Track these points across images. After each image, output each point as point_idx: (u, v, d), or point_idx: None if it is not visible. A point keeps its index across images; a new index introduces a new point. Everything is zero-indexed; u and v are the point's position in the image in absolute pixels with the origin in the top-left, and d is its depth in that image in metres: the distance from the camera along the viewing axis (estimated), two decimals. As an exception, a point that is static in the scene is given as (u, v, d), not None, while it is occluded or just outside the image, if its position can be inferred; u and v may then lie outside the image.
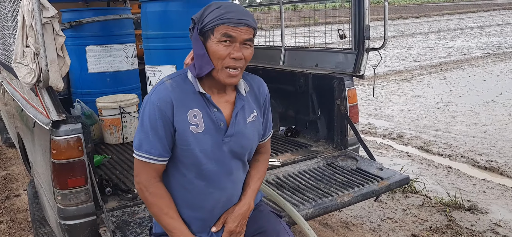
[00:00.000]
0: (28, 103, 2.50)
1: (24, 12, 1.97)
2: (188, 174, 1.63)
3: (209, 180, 1.63)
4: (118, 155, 3.39)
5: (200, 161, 1.59)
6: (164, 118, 1.54)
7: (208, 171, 1.62)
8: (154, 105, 1.54)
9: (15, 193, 4.23)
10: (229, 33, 1.50)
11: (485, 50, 13.60)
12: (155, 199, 1.62)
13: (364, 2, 3.07)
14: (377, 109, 7.13)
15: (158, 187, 1.62)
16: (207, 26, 1.52)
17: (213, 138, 1.60)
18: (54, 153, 2.10)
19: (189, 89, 1.59)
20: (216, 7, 1.52)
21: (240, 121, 1.65)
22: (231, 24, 1.49)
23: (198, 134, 1.57)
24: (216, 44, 1.51)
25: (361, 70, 3.16)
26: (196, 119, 1.57)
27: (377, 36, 7.11)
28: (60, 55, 2.09)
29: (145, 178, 1.61)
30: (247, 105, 1.69)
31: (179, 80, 1.60)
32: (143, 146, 1.57)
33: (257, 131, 1.73)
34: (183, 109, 1.56)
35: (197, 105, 1.58)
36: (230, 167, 1.66)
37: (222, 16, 1.49)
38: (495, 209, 3.62)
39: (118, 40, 4.09)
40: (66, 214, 2.17)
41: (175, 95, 1.55)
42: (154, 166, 1.59)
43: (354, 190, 2.58)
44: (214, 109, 1.60)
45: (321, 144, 3.38)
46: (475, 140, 5.39)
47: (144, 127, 1.56)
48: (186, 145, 1.57)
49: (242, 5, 7.29)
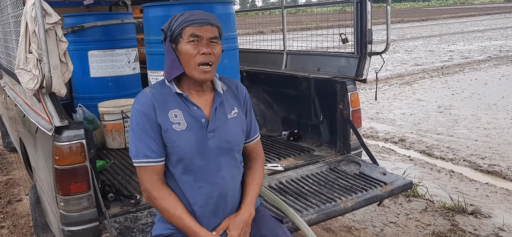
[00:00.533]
0: (30, 108, 2.50)
1: (27, 18, 1.97)
2: (176, 171, 1.72)
3: (196, 175, 1.71)
4: (120, 160, 3.39)
5: (185, 157, 1.69)
6: (150, 121, 1.66)
7: (194, 166, 1.70)
8: (138, 112, 1.67)
9: (17, 198, 4.23)
10: (195, 33, 1.65)
11: (487, 54, 13.59)
12: (161, 202, 1.68)
13: (366, 6, 3.07)
14: (379, 113, 7.12)
15: (161, 189, 1.69)
16: (175, 32, 1.67)
17: (197, 135, 1.69)
18: (56, 159, 2.10)
19: (167, 92, 1.72)
20: (180, 14, 1.70)
21: (220, 117, 1.75)
22: (195, 24, 1.66)
23: (181, 132, 1.68)
24: (185, 45, 1.66)
25: (364, 74, 3.16)
26: (177, 118, 1.69)
27: (378, 40, 7.11)
28: (63, 61, 2.08)
29: (149, 183, 1.69)
30: (226, 102, 1.79)
31: (157, 86, 1.75)
32: (140, 152, 1.67)
33: (241, 127, 1.81)
34: (164, 110, 1.68)
35: (176, 105, 1.71)
36: (218, 162, 1.73)
37: (187, 19, 1.67)
38: (498, 213, 3.60)
39: (120, 45, 4.09)
40: (69, 220, 2.16)
41: (155, 99, 1.69)
42: (154, 168, 1.68)
43: (357, 195, 2.57)
44: (193, 107, 1.71)
45: (324, 148, 3.37)
46: (477, 143, 5.37)
47: (136, 134, 1.67)
48: (172, 142, 1.67)
49: (243, 9, 7.30)
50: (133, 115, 1.69)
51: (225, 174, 1.75)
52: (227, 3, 3.25)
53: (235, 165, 1.80)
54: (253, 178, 1.86)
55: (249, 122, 1.87)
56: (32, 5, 1.91)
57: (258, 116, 3.96)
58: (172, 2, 3.65)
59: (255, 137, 1.91)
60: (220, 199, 1.75)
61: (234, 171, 1.79)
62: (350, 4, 3.31)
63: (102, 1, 4.88)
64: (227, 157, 1.75)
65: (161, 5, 3.19)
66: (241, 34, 5.48)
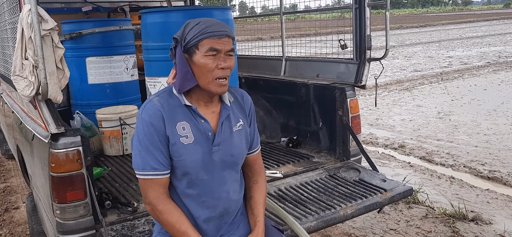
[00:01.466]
0: (27, 115, 2.48)
1: (23, 24, 1.95)
2: (180, 185, 1.67)
3: (201, 189, 1.67)
4: (118, 167, 3.36)
5: (191, 171, 1.64)
6: (158, 132, 1.59)
7: (199, 180, 1.66)
8: (146, 122, 1.59)
9: (14, 206, 4.20)
10: (214, 46, 1.57)
11: (486, 60, 13.61)
12: (166, 216, 1.62)
13: (365, 12, 3.06)
14: (379, 119, 7.10)
15: (166, 203, 1.63)
16: (190, 42, 1.58)
17: (203, 148, 1.64)
18: (53, 166, 2.08)
19: (176, 103, 1.65)
20: (195, 23, 1.60)
21: (226, 130, 1.70)
22: (214, 37, 1.57)
23: (188, 145, 1.62)
24: (203, 58, 1.57)
25: (363, 80, 3.15)
26: (185, 131, 1.63)
27: (377, 46, 7.11)
28: (59, 68, 2.07)
29: (154, 196, 1.63)
30: (233, 115, 1.74)
31: (165, 95, 1.67)
32: (148, 164, 1.60)
33: (245, 139, 1.77)
34: (172, 122, 1.62)
35: (184, 117, 1.64)
36: (222, 176, 1.70)
37: (205, 31, 1.56)
38: (499, 219, 3.58)
39: (118, 51, 4.08)
40: (65, 228, 2.14)
41: (164, 110, 1.62)
42: (160, 181, 1.63)
43: (357, 202, 2.55)
44: (201, 120, 1.65)
45: (323, 155, 3.35)
46: (477, 149, 5.35)
47: (143, 146, 1.60)
48: (178, 156, 1.62)
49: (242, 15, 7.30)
50: (140, 125, 1.60)
51: (229, 188, 1.72)
52: (225, 9, 3.25)
53: (238, 178, 1.77)
54: (261, 194, 1.82)
55: (253, 133, 1.83)
56: (28, 11, 1.90)
57: (257, 123, 3.92)
58: (170, 8, 3.65)
59: (257, 148, 1.87)
60: (224, 213, 1.72)
61: (237, 184, 1.76)
62: (349, 10, 3.31)
63: (101, 8, 4.88)
64: (231, 171, 1.72)
65: (159, 11, 3.18)
66: (240, 40, 5.47)
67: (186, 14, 3.13)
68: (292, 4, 4.88)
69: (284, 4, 4.16)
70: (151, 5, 5.29)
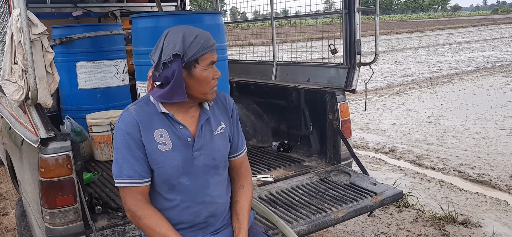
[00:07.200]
0: (16, 120, 2.46)
1: (13, 28, 1.94)
2: (162, 192, 1.67)
3: (183, 195, 1.67)
4: (108, 172, 3.34)
5: (171, 178, 1.64)
6: (135, 141, 1.60)
7: (181, 186, 1.66)
8: (122, 131, 1.61)
9: (3, 212, 4.15)
10: (213, 59, 1.63)
11: (475, 65, 13.77)
12: (145, 221, 1.61)
13: (355, 17, 3.09)
14: (369, 124, 7.15)
15: (144, 209, 1.62)
16: (192, 58, 1.58)
17: (183, 154, 1.64)
18: (42, 172, 2.06)
19: (153, 111, 1.66)
20: (193, 37, 1.58)
21: (206, 134, 1.70)
22: (212, 51, 1.62)
23: (167, 152, 1.63)
24: (205, 71, 1.61)
25: (353, 84, 3.17)
26: (162, 138, 1.63)
27: (368, 51, 7.17)
28: (49, 72, 2.06)
29: (131, 203, 1.62)
30: (213, 118, 1.74)
31: (142, 104, 1.68)
32: (124, 172, 1.60)
33: (228, 142, 1.77)
34: (149, 130, 1.63)
35: (162, 125, 1.65)
36: (205, 181, 1.69)
37: (205, 46, 1.59)
38: (488, 222, 3.61)
39: (109, 56, 4.06)
40: (54, 233, 2.12)
41: (140, 118, 1.63)
42: (137, 189, 1.62)
43: (348, 206, 2.56)
44: (179, 126, 1.66)
45: (314, 159, 3.36)
46: (467, 153, 5.41)
47: (120, 154, 1.61)
48: (156, 164, 1.62)
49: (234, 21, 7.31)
50: (117, 134, 1.62)
51: (213, 192, 1.71)
52: (216, 14, 3.25)
53: (221, 181, 1.76)
54: (247, 199, 1.80)
55: (237, 135, 1.82)
56: (18, 15, 1.89)
57: (248, 127, 3.94)
58: (161, 13, 3.64)
59: (243, 150, 1.86)
60: (209, 216, 1.71)
61: (221, 187, 1.75)
62: (339, 15, 3.34)
63: (91, 13, 4.86)
64: (214, 174, 1.71)
65: (150, 16, 3.18)
66: (231, 45, 5.48)
67: (176, 19, 3.13)
68: (283, 10, 4.92)
69: (275, 9, 4.19)
70: (141, 10, 5.28)
